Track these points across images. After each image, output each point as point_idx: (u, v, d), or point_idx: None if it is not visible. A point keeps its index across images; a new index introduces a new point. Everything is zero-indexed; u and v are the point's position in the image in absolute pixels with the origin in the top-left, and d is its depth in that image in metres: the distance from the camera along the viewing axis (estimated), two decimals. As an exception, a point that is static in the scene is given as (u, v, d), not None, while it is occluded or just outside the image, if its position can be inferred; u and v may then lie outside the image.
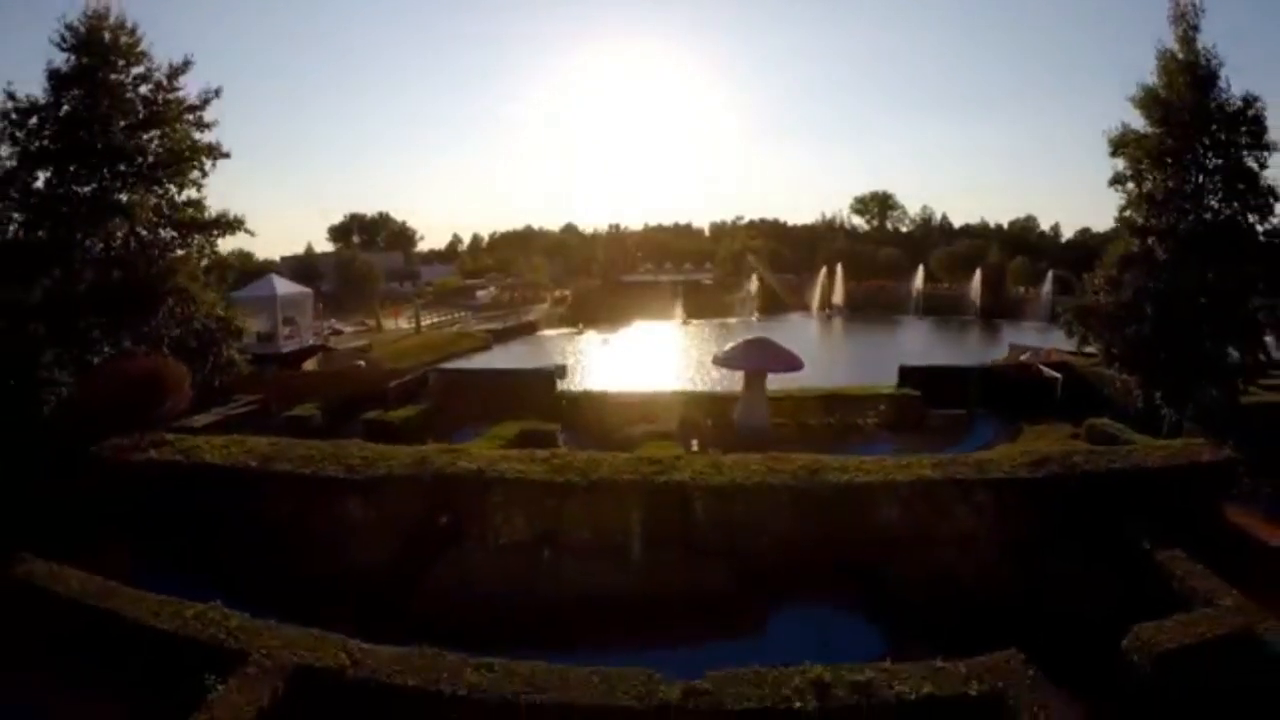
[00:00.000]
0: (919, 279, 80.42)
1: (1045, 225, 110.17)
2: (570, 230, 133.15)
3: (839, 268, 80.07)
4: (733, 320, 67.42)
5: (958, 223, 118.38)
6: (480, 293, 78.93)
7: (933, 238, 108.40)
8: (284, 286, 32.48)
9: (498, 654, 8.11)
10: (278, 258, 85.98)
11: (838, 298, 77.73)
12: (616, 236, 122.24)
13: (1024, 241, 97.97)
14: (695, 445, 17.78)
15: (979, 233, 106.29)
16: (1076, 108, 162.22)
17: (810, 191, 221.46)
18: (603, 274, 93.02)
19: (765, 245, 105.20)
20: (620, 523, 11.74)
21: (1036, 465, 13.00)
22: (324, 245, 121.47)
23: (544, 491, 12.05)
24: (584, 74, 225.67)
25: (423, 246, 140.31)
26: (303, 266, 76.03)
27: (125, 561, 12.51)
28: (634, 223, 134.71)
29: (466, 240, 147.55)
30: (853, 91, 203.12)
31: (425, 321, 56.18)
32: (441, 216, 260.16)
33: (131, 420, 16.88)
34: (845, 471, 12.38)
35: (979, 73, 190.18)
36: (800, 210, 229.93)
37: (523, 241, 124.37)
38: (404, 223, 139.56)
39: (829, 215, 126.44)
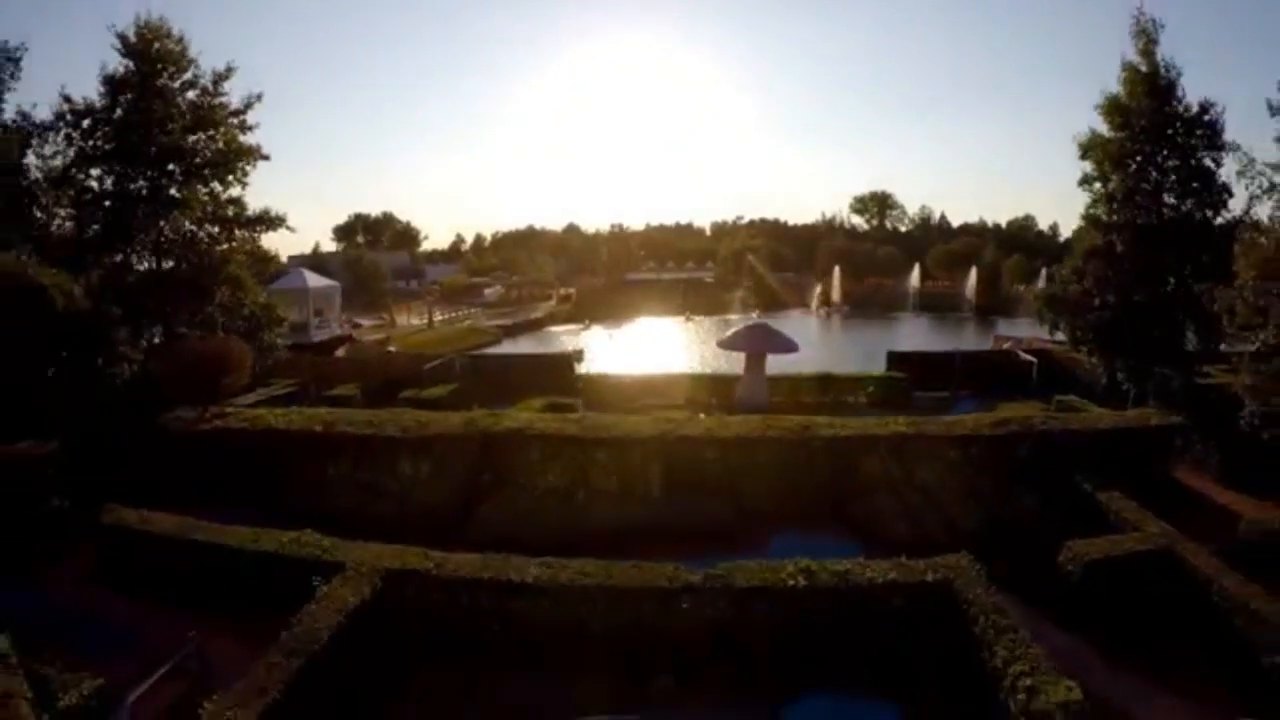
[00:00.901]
0: (915, 277, 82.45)
1: (1044, 224, 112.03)
2: (573, 230, 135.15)
3: (836, 268, 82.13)
4: (734, 317, 69.40)
5: (956, 222, 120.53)
6: (487, 291, 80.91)
7: (931, 237, 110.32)
8: (314, 280, 34.60)
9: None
10: (284, 257, 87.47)
11: (836, 296, 79.74)
12: (619, 236, 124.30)
13: (1022, 240, 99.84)
14: (702, 418, 19.76)
15: (977, 232, 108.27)
16: (1078, 109, 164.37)
17: (811, 192, 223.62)
18: (606, 272, 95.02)
19: (766, 245, 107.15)
20: (642, 469, 13.84)
21: (998, 425, 15.13)
22: (328, 244, 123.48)
23: (577, 445, 14.14)
24: (586, 75, 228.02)
25: (425, 246, 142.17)
26: (312, 265, 77.74)
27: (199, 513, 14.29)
28: (636, 222, 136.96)
29: (469, 240, 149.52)
30: (854, 92, 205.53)
31: (437, 318, 58.22)
32: (443, 216, 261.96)
33: (199, 394, 18.90)
34: (832, 428, 14.47)
35: (982, 74, 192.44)
36: (801, 210, 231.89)
37: (525, 241, 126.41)
38: (408, 222, 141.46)
39: (829, 215, 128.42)
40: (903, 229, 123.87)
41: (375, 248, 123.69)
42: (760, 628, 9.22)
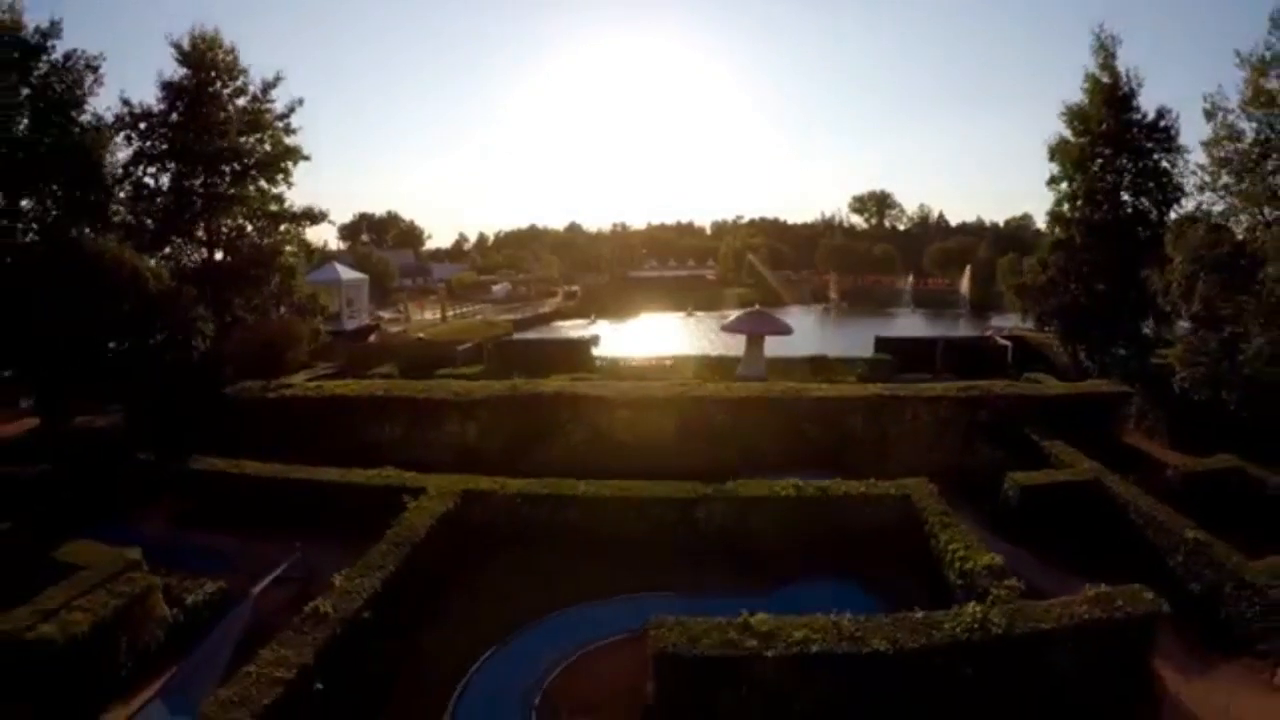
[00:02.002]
0: (910, 277, 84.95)
1: (1041, 224, 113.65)
2: (575, 229, 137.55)
3: (833, 267, 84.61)
4: (733, 312, 71.56)
5: (955, 221, 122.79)
6: (496, 287, 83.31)
7: (929, 235, 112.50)
8: (346, 273, 37.16)
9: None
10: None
11: (834, 293, 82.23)
12: (621, 235, 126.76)
13: (1018, 239, 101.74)
14: (708, 385, 22.20)
15: (974, 231, 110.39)
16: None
17: (811, 191, 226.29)
18: (610, 270, 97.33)
19: (765, 243, 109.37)
20: (659, 424, 16.36)
21: (962, 390, 17.64)
22: (333, 244, 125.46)
23: (604, 404, 16.70)
24: (586, 77, 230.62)
25: (429, 245, 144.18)
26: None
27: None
28: (637, 222, 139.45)
29: (472, 239, 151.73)
30: (856, 92, 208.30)
31: (449, 313, 60.63)
32: (444, 216, 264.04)
33: (265, 368, 21.41)
34: (821, 391, 17.04)
35: (983, 75, 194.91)
36: (801, 209, 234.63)
37: (528, 240, 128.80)
38: (411, 221, 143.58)
39: (829, 214, 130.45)
40: (901, 228, 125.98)
41: (380, 246, 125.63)
42: (760, 530, 11.75)
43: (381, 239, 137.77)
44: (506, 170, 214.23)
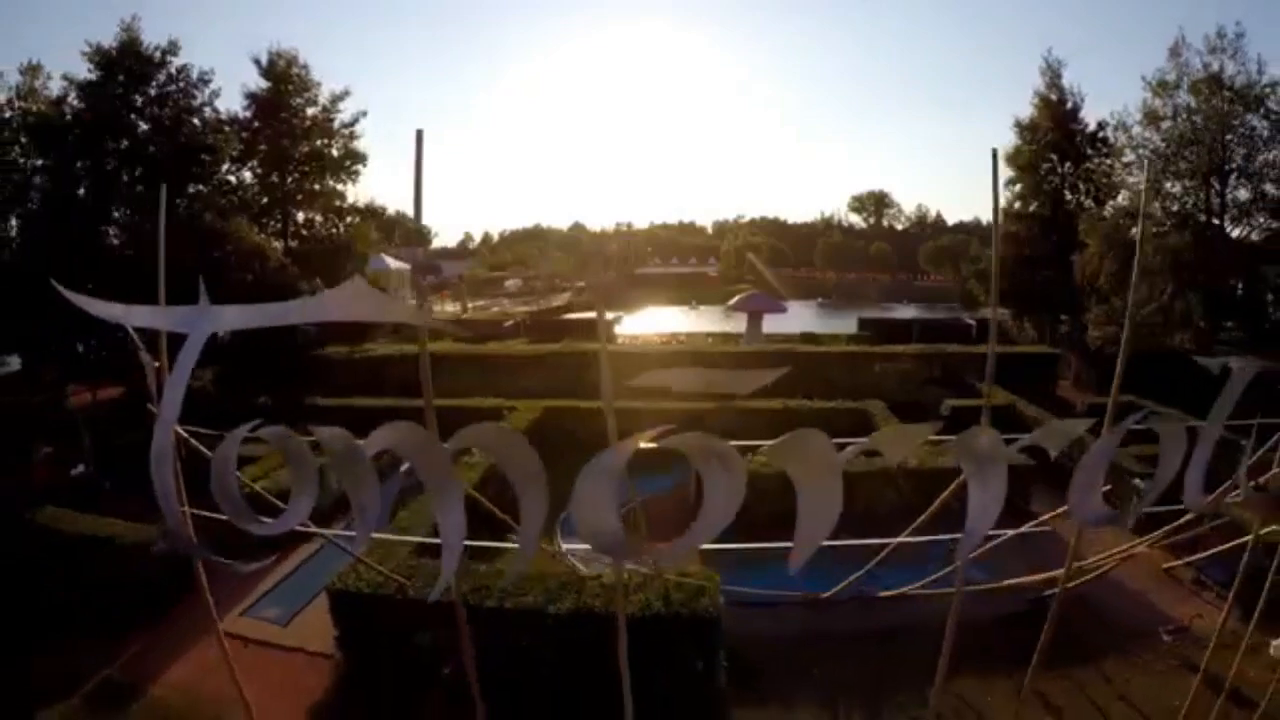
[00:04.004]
0: (883, 274, 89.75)
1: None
2: (578, 228, 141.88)
3: (831, 265, 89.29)
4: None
5: (952, 220, 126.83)
6: (509, 282, 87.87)
7: (926, 234, 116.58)
8: (393, 262, 41.79)
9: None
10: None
11: (832, 289, 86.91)
12: (626, 234, 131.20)
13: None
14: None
15: (971, 229, 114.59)
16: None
17: (811, 190, 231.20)
18: (616, 268, 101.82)
19: (765, 242, 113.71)
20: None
21: (920, 350, 22.29)
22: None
23: (634, 358, 21.40)
24: (588, 74, 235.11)
25: (435, 244, 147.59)
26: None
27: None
28: (640, 221, 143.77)
29: (478, 238, 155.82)
30: (856, 92, 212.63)
31: (470, 305, 65.11)
32: (447, 216, 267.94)
33: (353, 335, 25.98)
34: (807, 347, 21.69)
35: (984, 75, 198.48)
36: (800, 209, 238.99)
37: (533, 239, 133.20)
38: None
39: (828, 213, 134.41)
40: (899, 227, 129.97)
41: (388, 245, 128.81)
42: (753, 433, 16.27)
43: (389, 238, 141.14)
44: (508, 170, 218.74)
